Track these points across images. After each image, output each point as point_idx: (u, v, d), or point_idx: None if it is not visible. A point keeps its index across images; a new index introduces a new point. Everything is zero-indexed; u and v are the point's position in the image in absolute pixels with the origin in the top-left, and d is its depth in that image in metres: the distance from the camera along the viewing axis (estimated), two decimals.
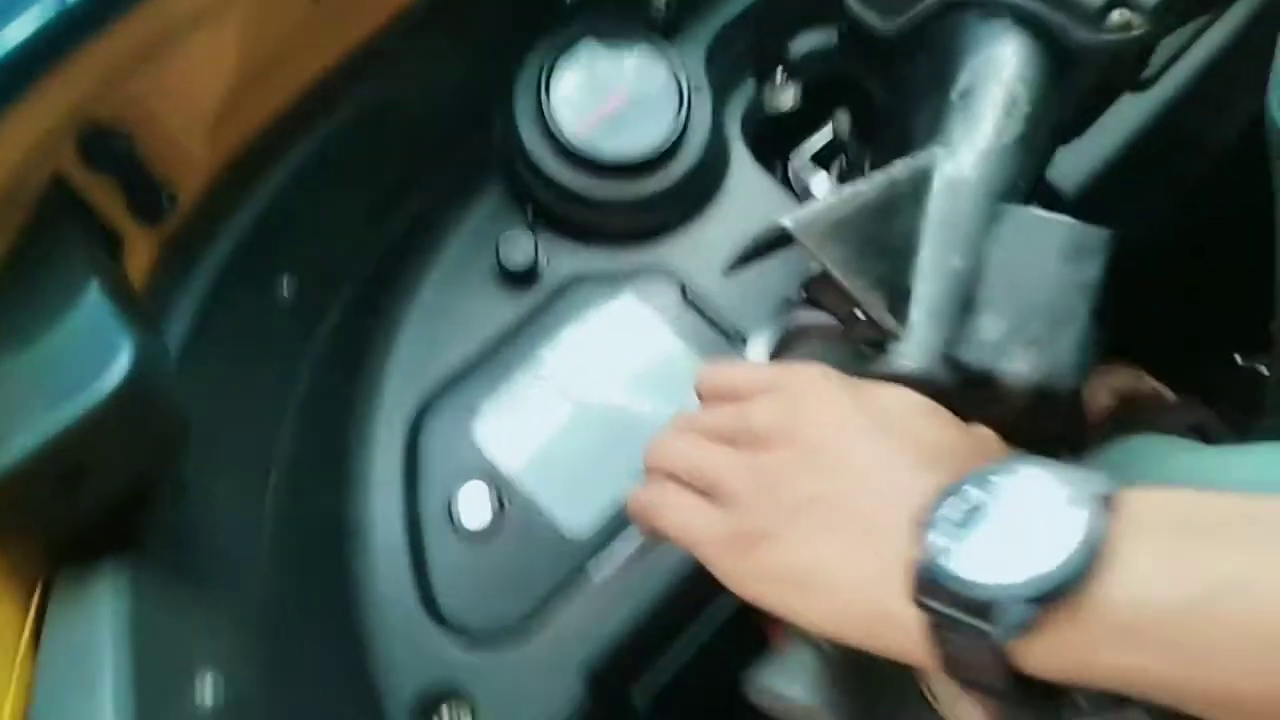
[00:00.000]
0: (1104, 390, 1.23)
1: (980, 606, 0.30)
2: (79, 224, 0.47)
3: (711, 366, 0.44)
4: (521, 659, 0.56)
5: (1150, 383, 1.23)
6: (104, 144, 0.49)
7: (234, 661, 0.41)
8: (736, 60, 0.70)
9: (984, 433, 0.38)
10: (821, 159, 0.70)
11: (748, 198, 0.67)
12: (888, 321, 0.40)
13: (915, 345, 0.40)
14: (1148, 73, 0.74)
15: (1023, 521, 0.30)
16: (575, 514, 0.58)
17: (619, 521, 0.57)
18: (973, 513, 0.31)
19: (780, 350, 0.45)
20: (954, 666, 0.32)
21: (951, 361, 0.39)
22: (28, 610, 0.36)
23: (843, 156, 0.70)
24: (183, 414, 0.39)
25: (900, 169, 0.43)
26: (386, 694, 0.55)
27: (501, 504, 0.58)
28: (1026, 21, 0.45)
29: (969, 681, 0.32)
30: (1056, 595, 0.29)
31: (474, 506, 0.58)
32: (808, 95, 0.71)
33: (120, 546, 0.38)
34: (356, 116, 0.59)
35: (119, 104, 0.49)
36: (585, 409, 0.61)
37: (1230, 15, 0.73)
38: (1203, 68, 0.74)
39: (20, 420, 0.35)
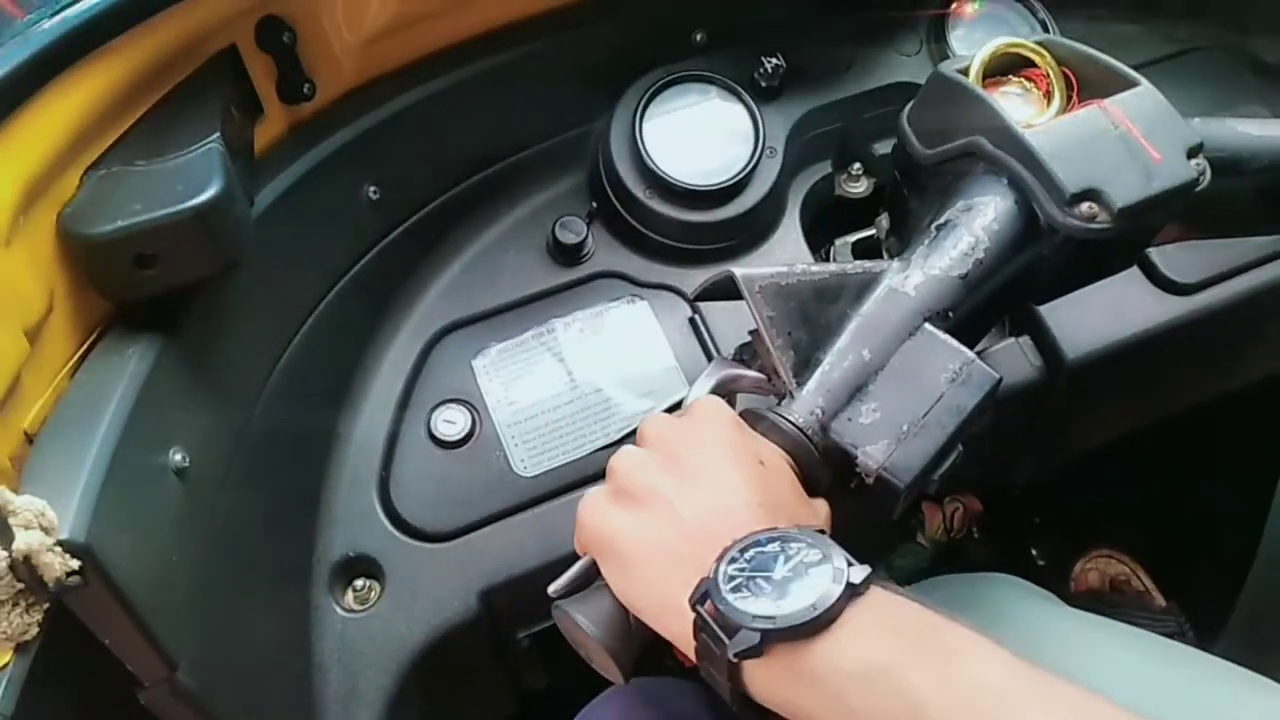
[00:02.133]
0: (1095, 573, 1.25)
1: (730, 626, 0.38)
2: (234, 86, 0.59)
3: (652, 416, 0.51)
4: (439, 561, 0.65)
5: (1144, 581, 1.24)
6: (276, 32, 0.61)
7: (205, 460, 0.51)
8: (816, 142, 0.78)
9: (820, 508, 0.46)
10: (858, 251, 0.77)
11: (782, 259, 0.75)
12: (789, 380, 0.48)
13: (800, 405, 0.47)
14: (1189, 280, 0.78)
15: (791, 579, 0.38)
16: (528, 458, 0.67)
17: (559, 476, 0.66)
18: (763, 559, 0.39)
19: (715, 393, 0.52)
20: (703, 663, 0.40)
21: (824, 430, 0.47)
22: (80, 346, 0.48)
23: (883, 253, 0.77)
24: (239, 250, 0.50)
25: (855, 267, 0.51)
26: (319, 547, 0.65)
27: (473, 429, 0.68)
28: (1015, 186, 0.52)
29: (711, 679, 0.40)
30: (780, 637, 0.37)
31: (450, 422, 0.68)
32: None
33: (159, 330, 0.50)
34: (480, 81, 0.70)
35: (298, 7, 0.61)
36: (571, 380, 0.70)
37: None
38: (1246, 297, 0.78)
39: (124, 208, 0.47)
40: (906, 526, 0.92)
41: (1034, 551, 1.26)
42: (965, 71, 0.57)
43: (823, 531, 0.40)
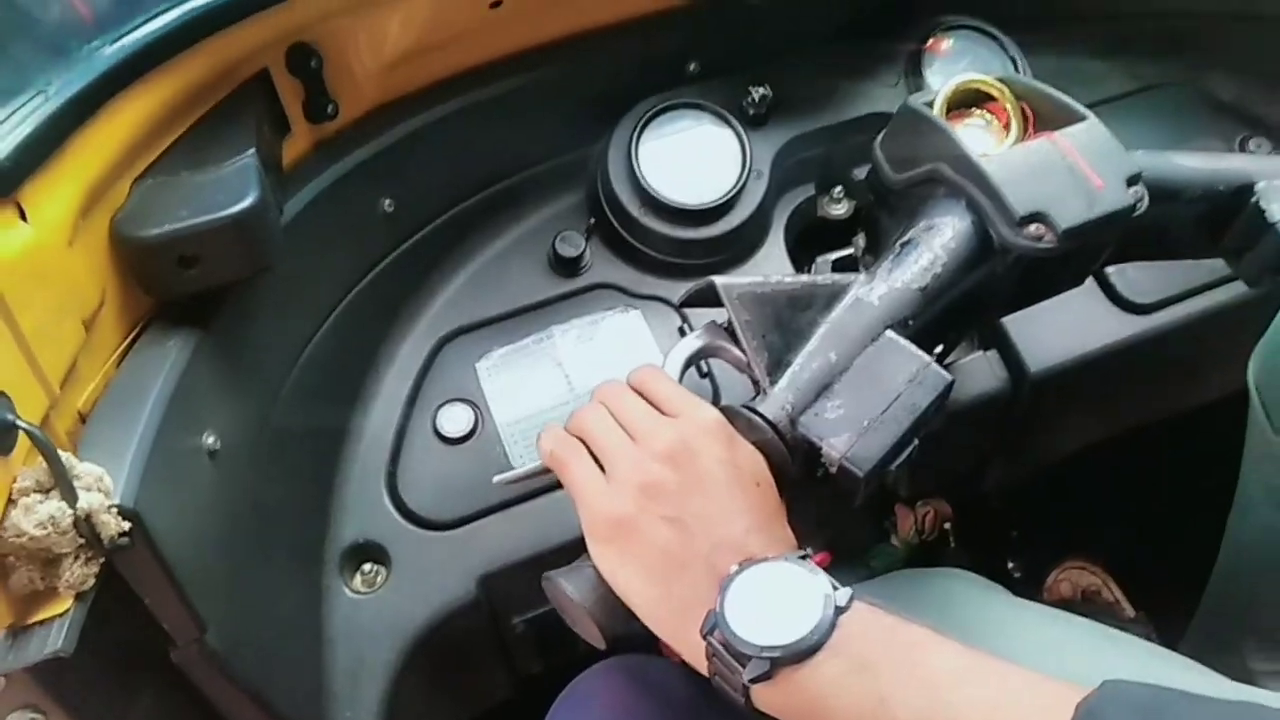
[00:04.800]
0: (1067, 583, 1.30)
1: (740, 655, 0.43)
2: (266, 106, 0.65)
3: (647, 368, 0.56)
4: (441, 548, 0.70)
5: (1115, 592, 1.29)
6: (304, 58, 0.67)
7: (234, 445, 0.56)
8: (800, 166, 0.84)
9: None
10: (838, 269, 0.82)
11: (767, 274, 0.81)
12: (763, 378, 0.53)
13: (772, 401, 0.52)
14: (1146, 300, 0.84)
15: (785, 604, 0.44)
16: (526, 454, 0.72)
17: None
18: (756, 587, 0.44)
19: (693, 361, 0.57)
20: (715, 679, 0.46)
21: (793, 423, 0.52)
22: (127, 337, 0.53)
23: (861, 270, 0.82)
24: (271, 254, 0.55)
25: (825, 279, 0.56)
26: (331, 533, 0.70)
27: (476, 427, 0.73)
28: (972, 209, 0.58)
29: (724, 691, 0.45)
30: (786, 663, 0.42)
31: (455, 420, 0.73)
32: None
33: (196, 325, 0.55)
34: (489, 105, 0.76)
35: (324, 35, 0.67)
36: (568, 383, 0.75)
37: (1237, 286, 0.82)
38: (1200, 318, 0.83)
39: (170, 214, 0.52)
40: (881, 529, 0.97)
41: (1010, 564, 1.30)
42: (932, 104, 0.63)
43: (805, 556, 0.46)
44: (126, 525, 0.43)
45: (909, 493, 0.95)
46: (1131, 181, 0.57)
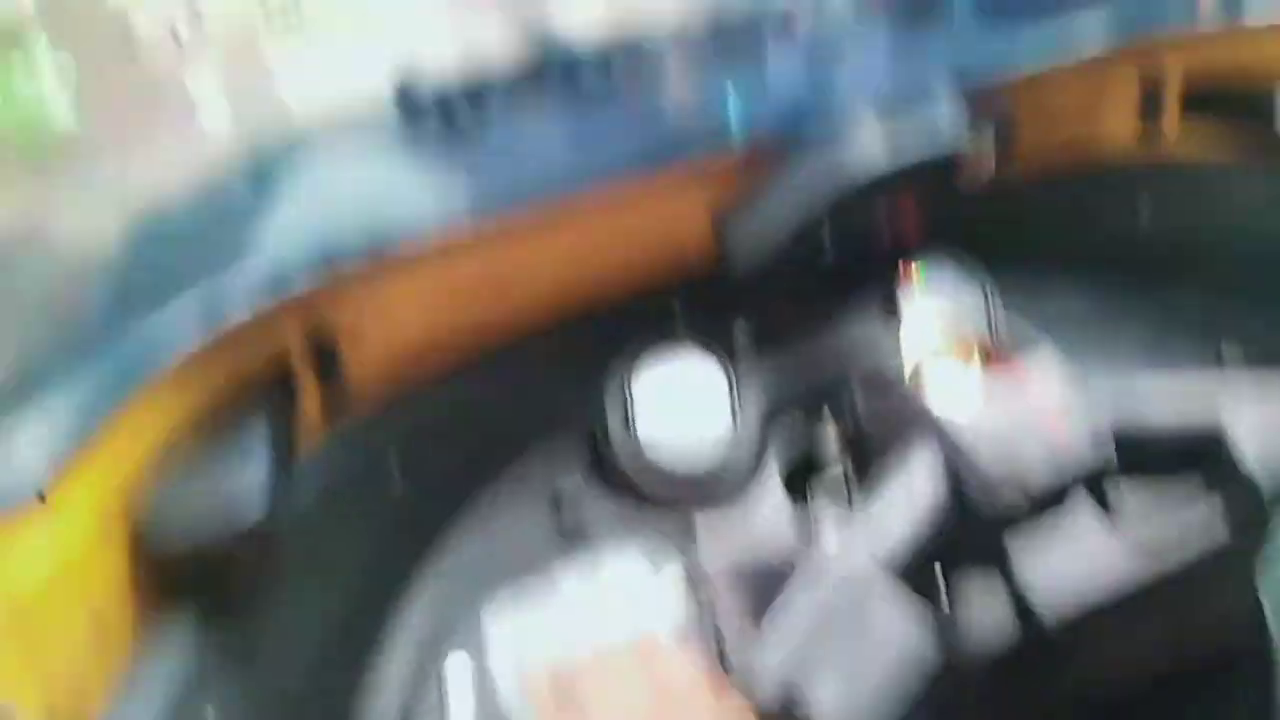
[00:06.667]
0: None
1: None
2: (278, 402, 0.69)
3: None
4: None
5: None
6: (323, 345, 0.73)
7: None
8: (788, 401, 0.87)
9: None
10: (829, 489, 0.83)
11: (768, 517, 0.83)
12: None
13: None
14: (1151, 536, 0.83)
15: None
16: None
17: None
18: None
19: None
20: None
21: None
22: (136, 637, 0.55)
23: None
24: (282, 558, 0.58)
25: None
26: None
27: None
28: (947, 466, 0.60)
29: None
30: None
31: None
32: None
33: (207, 624, 0.57)
34: (488, 381, 0.82)
35: (345, 328, 0.73)
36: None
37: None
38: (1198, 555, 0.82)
39: (188, 521, 0.56)
40: None
41: None
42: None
43: None
44: None
45: None
46: (1097, 440, 0.60)
